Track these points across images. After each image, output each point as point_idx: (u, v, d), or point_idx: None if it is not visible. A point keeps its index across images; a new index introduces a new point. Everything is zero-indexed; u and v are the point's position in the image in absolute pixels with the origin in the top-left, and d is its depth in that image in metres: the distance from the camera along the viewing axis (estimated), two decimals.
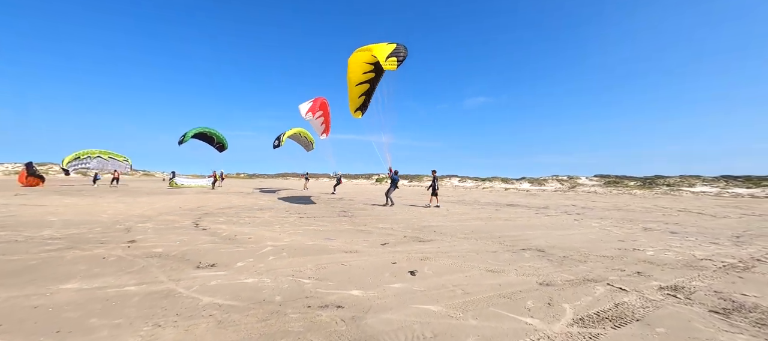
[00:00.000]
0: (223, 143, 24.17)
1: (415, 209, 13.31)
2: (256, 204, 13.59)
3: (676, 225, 9.90)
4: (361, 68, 12.26)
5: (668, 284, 3.97)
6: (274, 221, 8.70)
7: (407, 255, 5.06)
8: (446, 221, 9.43)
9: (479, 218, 10.43)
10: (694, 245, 6.59)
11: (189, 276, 3.76)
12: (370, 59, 11.81)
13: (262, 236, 6.43)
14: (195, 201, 14.28)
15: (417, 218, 10.18)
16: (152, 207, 11.40)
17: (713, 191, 41.62)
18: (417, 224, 8.79)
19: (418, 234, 7.08)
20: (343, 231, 7.23)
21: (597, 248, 6.02)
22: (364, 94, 13.03)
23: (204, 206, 12.12)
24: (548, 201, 21.04)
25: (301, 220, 9.00)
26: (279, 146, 22.30)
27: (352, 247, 5.57)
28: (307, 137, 26.01)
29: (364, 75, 12.48)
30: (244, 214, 10.10)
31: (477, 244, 6.14)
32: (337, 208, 13.07)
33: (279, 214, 10.32)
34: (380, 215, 10.83)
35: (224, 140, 24.07)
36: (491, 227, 8.56)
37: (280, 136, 22.68)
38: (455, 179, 66.25)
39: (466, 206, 15.76)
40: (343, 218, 9.58)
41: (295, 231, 7.07)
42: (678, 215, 13.12)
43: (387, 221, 9.10)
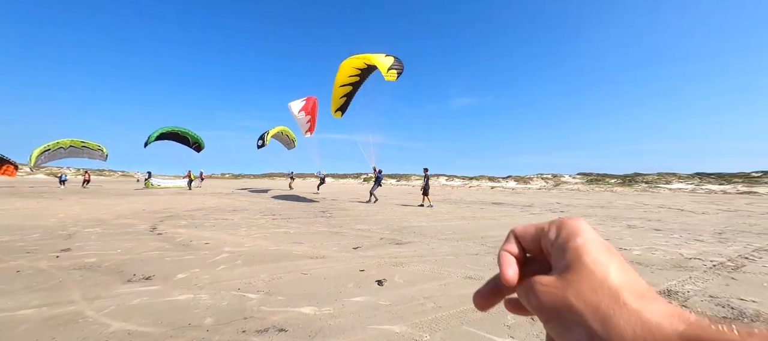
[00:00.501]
0: (200, 142, 23.14)
1: (400, 208, 12.85)
2: (230, 205, 12.83)
3: (659, 222, 9.79)
4: (348, 72, 12.80)
5: (661, 288, 3.62)
6: (243, 223, 8.05)
7: (379, 261, 4.56)
8: (428, 221, 8.99)
9: (463, 218, 10.06)
10: (679, 243, 6.37)
11: (111, 294, 3.14)
12: (360, 65, 12.41)
13: (222, 241, 5.81)
14: (165, 203, 13.38)
15: (399, 218, 9.71)
16: (113, 210, 10.51)
17: (688, 188, 43.08)
18: (397, 224, 8.31)
19: (396, 236, 6.59)
20: (315, 234, 6.67)
21: None
22: (346, 95, 13.62)
23: (172, 208, 11.29)
24: (533, 199, 21.01)
25: (273, 222, 8.38)
26: (263, 145, 21.50)
27: (320, 252, 5.03)
28: (289, 135, 25.26)
29: (349, 78, 13.02)
30: (214, 216, 9.39)
31: (457, 246, 5.70)
32: (316, 208, 12.47)
33: (251, 216, 9.64)
34: (361, 215, 10.31)
35: (200, 140, 23.05)
36: (474, 227, 8.18)
37: (263, 135, 21.88)
38: (443, 178, 66.39)
39: (451, 205, 15.42)
40: (320, 219, 9.01)
41: (262, 235, 6.46)
42: (659, 212, 13.15)
43: (366, 222, 8.59)
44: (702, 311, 3.01)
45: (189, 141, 22.85)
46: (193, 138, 22.70)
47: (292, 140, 25.84)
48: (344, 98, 13.80)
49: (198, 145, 23.27)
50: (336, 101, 13.91)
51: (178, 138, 22.50)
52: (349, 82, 13.21)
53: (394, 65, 11.18)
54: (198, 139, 22.88)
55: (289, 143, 26.51)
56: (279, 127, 24.12)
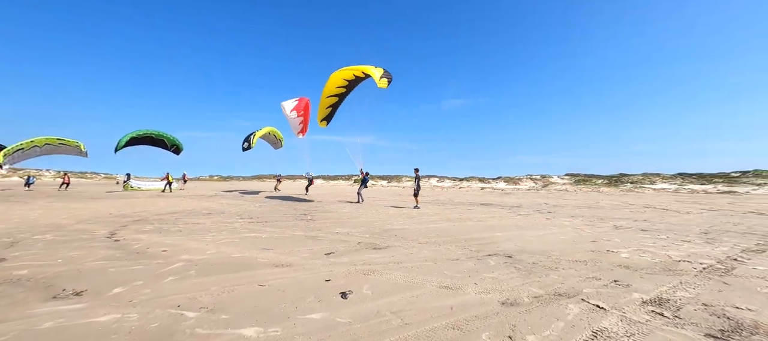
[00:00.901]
0: (178, 145, 22.25)
1: (386, 210, 12.47)
2: (207, 208, 12.23)
3: (645, 222, 9.67)
4: (336, 83, 13.42)
5: (651, 296, 3.34)
6: (214, 227, 7.54)
7: (350, 268, 4.17)
8: (412, 223, 8.64)
9: (449, 219, 9.74)
10: (667, 245, 6.17)
11: (23, 315, 2.67)
12: (349, 76, 13.08)
13: (183, 247, 5.32)
14: (139, 206, 12.68)
15: (382, 220, 9.33)
16: (76, 214, 9.82)
17: (672, 187, 44.04)
18: (380, 227, 7.93)
19: (375, 240, 6.21)
20: (288, 238, 6.23)
21: (569, 251, 5.42)
22: (331, 106, 14.33)
23: (144, 212, 10.65)
24: (521, 200, 20.93)
25: (247, 226, 7.89)
26: (249, 148, 20.80)
27: (288, 259, 4.61)
28: (277, 135, 24.66)
29: (336, 89, 13.65)
30: (185, 220, 8.83)
31: (438, 250, 5.36)
32: (299, 210, 11.99)
33: (226, 219, 9.12)
34: (343, 217, 9.89)
35: (178, 143, 22.17)
36: (459, 229, 7.86)
37: (249, 137, 21.14)
38: (434, 179, 66.38)
39: (439, 206, 15.13)
40: (299, 222, 8.56)
41: (230, 240, 5.99)
42: (644, 212, 13.13)
43: (347, 225, 8.18)
44: (697, 323, 2.72)
45: (166, 144, 21.90)
46: (170, 141, 21.74)
47: (280, 139, 25.20)
48: (330, 108, 14.51)
49: (176, 147, 22.34)
50: (322, 111, 14.62)
51: (152, 142, 21.51)
52: (336, 93, 13.82)
53: (384, 75, 12.15)
54: (175, 141, 21.96)
55: (276, 142, 25.86)
56: (266, 128, 23.47)
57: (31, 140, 22.19)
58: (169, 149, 22.32)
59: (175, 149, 22.49)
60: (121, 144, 19.74)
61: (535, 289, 3.48)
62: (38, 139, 22.47)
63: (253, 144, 19.42)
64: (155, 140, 21.39)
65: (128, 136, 19.95)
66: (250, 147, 19.30)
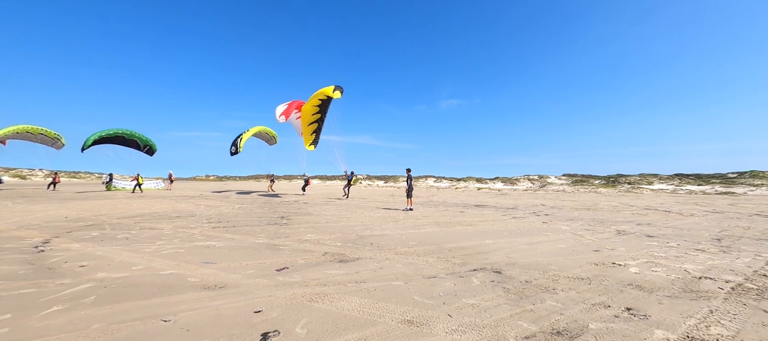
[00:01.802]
0: (151, 145, 21.49)
1: (373, 212, 11.64)
2: (180, 210, 11.34)
3: (649, 226, 8.92)
4: (310, 111, 16.48)
5: (679, 335, 2.54)
6: (168, 234, 6.68)
7: (297, 292, 3.34)
8: (396, 228, 7.82)
9: (437, 223, 8.93)
10: (680, 255, 5.40)
11: None
12: (316, 102, 16.27)
13: (109, 261, 4.46)
14: (107, 208, 11.77)
15: (364, 224, 8.50)
16: (26, 218, 8.91)
17: (669, 188, 43.60)
18: (358, 232, 7.11)
19: (346, 250, 5.38)
20: (244, 249, 5.38)
21: (569, 264, 4.62)
22: (314, 132, 17.34)
23: (105, 215, 9.75)
24: (518, 201, 20.18)
25: (208, 232, 7.03)
26: (237, 152, 19.90)
27: (226, 278, 3.77)
28: (269, 133, 23.93)
29: (312, 116, 16.69)
30: (143, 225, 7.96)
31: (415, 264, 4.54)
32: (279, 212, 11.14)
33: (190, 224, 8.25)
34: (322, 221, 9.04)
35: (151, 143, 21.43)
36: (446, 235, 7.05)
37: (237, 141, 20.30)
38: (431, 180, 65.61)
39: (431, 207, 14.32)
40: (270, 228, 7.71)
41: (175, 250, 5.14)
42: (646, 214, 12.40)
43: (321, 230, 7.35)
44: None
45: (138, 145, 21.06)
46: (143, 141, 20.91)
47: (273, 136, 24.42)
48: (314, 134, 17.34)
49: (149, 148, 21.51)
50: (307, 137, 17.39)
51: (124, 142, 20.63)
52: (313, 120, 16.81)
53: (336, 89, 15.74)
54: (148, 141, 21.18)
55: (270, 140, 25.02)
56: (256, 127, 22.63)
57: (13, 128, 21.15)
58: (141, 149, 21.50)
59: (148, 150, 21.69)
60: (87, 143, 18.74)
61: (527, 324, 2.67)
62: (19, 127, 21.45)
63: (240, 149, 18.53)
64: (127, 140, 20.53)
65: (96, 135, 19.03)
66: (237, 152, 18.41)
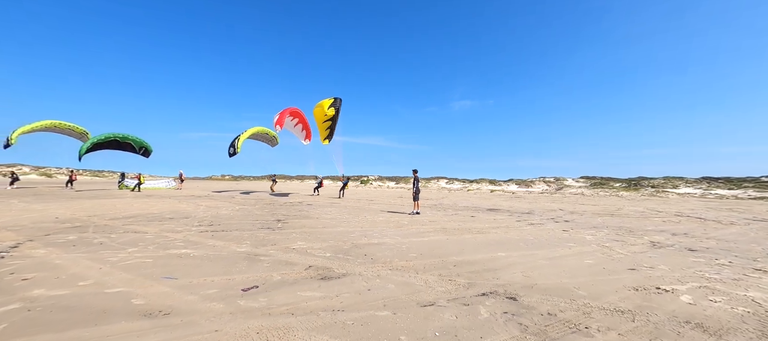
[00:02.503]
0: (146, 147, 21.89)
1: (376, 216, 10.93)
2: (176, 211, 10.95)
3: (687, 237, 7.83)
4: (323, 111, 18.52)
5: None
6: (146, 239, 6.16)
7: (253, 325, 2.65)
8: (397, 235, 7.07)
9: (444, 230, 8.12)
10: (737, 276, 4.43)
11: None
12: (330, 103, 18.60)
13: (59, 274, 3.91)
14: (104, 208, 11.52)
15: (362, 230, 7.79)
16: (19, 217, 8.64)
17: (697, 192, 40.96)
18: (353, 240, 6.40)
19: (334, 263, 4.68)
20: (219, 259, 4.76)
21: (602, 289, 3.76)
22: (329, 128, 19.21)
23: (96, 215, 9.42)
24: (533, 205, 19.02)
25: (195, 236, 6.49)
26: (235, 153, 19.87)
27: (178, 299, 3.13)
28: (268, 133, 23.59)
29: (325, 116, 18.59)
30: (128, 227, 7.51)
31: (412, 283, 3.79)
32: (277, 214, 10.58)
33: (177, 226, 7.75)
34: (319, 225, 8.39)
35: (147, 145, 21.84)
36: (453, 245, 6.25)
37: (234, 142, 20.28)
38: (442, 181, 64.35)
39: (439, 211, 13.48)
40: (260, 233, 7.11)
41: (141, 261, 4.56)
42: (679, 222, 11.18)
43: (314, 237, 6.68)
44: None
45: (134, 147, 21.59)
46: (138, 143, 21.41)
47: (272, 137, 24.18)
48: (328, 130, 19.24)
49: (145, 150, 21.97)
50: (323, 132, 19.56)
51: (118, 145, 21.16)
52: (328, 117, 18.64)
53: (332, 104, 18.35)
54: (143, 144, 21.62)
55: (270, 140, 24.75)
56: (254, 128, 22.38)
57: (41, 123, 21.73)
58: (137, 152, 21.97)
59: (144, 152, 22.11)
60: (83, 151, 19.28)
61: None
62: (48, 122, 22.01)
63: (238, 149, 18.44)
64: (121, 143, 21.02)
65: (91, 141, 19.55)
66: (235, 153, 18.32)
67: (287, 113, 19.17)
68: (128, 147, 21.46)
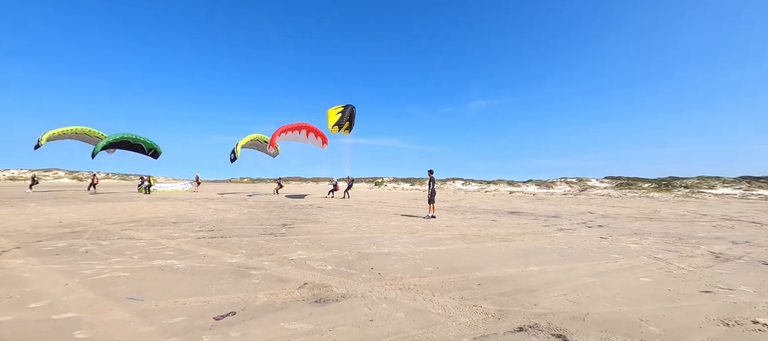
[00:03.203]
0: (156, 149, 22.43)
1: (388, 219, 10.19)
2: (180, 215, 10.61)
3: (752, 246, 6.62)
4: (337, 109, 18.83)
5: None
6: (139, 247, 5.68)
7: None
8: (410, 243, 6.29)
9: (464, 236, 7.27)
10: None
11: None
12: (340, 108, 18.92)
13: (16, 291, 3.40)
14: (110, 212, 11.37)
15: (371, 237, 7.07)
16: (27, 220, 8.47)
17: (737, 193, 37.76)
18: (360, 249, 5.68)
19: (333, 280, 3.97)
20: (204, 273, 4.15)
21: (678, 322, 2.86)
22: (339, 113, 18.70)
23: (98, 219, 9.16)
24: (558, 207, 17.71)
25: (188, 244, 5.96)
26: (235, 159, 20.75)
27: (133, 331, 2.50)
28: (264, 140, 23.68)
29: (336, 110, 18.89)
30: (124, 233, 7.11)
31: (427, 311, 3.02)
32: (284, 219, 10.04)
33: (176, 232, 7.29)
34: (325, 230, 7.74)
35: (156, 147, 22.37)
36: (474, 255, 5.41)
37: (234, 149, 20.95)
38: (459, 182, 62.81)
39: (457, 214, 12.57)
40: (261, 239, 6.52)
41: (118, 273, 4.02)
42: (732, 227, 9.79)
43: (317, 246, 6.01)
44: None
45: (143, 148, 22.13)
46: (148, 145, 21.93)
47: (265, 141, 24.30)
48: (338, 115, 18.66)
49: (154, 151, 22.49)
50: (332, 119, 18.72)
51: (129, 146, 21.74)
52: (339, 109, 18.82)
53: (337, 122, 18.15)
54: (153, 145, 22.13)
55: (264, 147, 24.70)
56: (251, 135, 22.34)
57: (72, 128, 22.38)
58: (146, 152, 22.44)
59: (153, 153, 22.60)
60: (97, 150, 19.84)
61: None
62: (78, 128, 22.66)
63: (237, 154, 19.19)
64: (132, 144, 21.48)
65: (104, 141, 20.06)
66: (235, 158, 19.18)
67: (279, 131, 19.01)
68: (139, 148, 21.97)
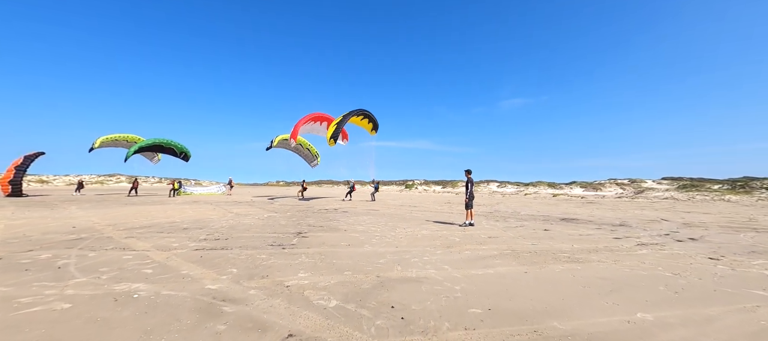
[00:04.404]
0: (186, 152, 23.39)
1: (419, 227, 8.77)
2: (196, 220, 10.01)
3: None
4: (334, 121, 17.97)
5: None
6: (123, 263, 4.82)
7: None
8: (446, 264, 4.84)
9: (514, 253, 5.66)
10: None
11: None
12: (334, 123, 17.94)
13: None
14: (124, 217, 11.13)
15: (397, 253, 5.70)
16: (38, 224, 8.22)
17: None
18: (380, 271, 4.36)
19: (329, 333, 2.67)
20: (157, 308, 3.05)
21: None
22: (332, 134, 17.62)
23: (115, 225, 8.74)
24: (619, 213, 15.07)
25: (183, 257, 5.03)
26: (270, 147, 20.89)
27: None
28: (309, 147, 23.52)
29: (334, 125, 17.85)
30: (123, 241, 6.40)
31: None
32: (302, 225, 9.02)
33: (175, 242, 6.46)
34: (342, 242, 6.51)
35: (186, 150, 23.36)
36: (538, 287, 3.84)
37: (272, 140, 21.07)
38: (493, 185, 59.28)
39: (498, 221, 10.80)
40: (262, 253, 5.44)
41: (52, 305, 3.04)
42: None
43: (326, 265, 4.77)
44: None
45: (175, 152, 23.10)
46: (179, 148, 22.89)
47: (315, 155, 24.24)
48: (334, 127, 18.07)
49: (185, 155, 23.39)
50: (331, 130, 18.13)
51: (161, 150, 22.84)
52: (337, 121, 18.04)
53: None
54: (183, 149, 23.08)
55: (310, 158, 24.46)
56: (299, 138, 22.07)
57: (124, 135, 23.87)
58: (178, 156, 23.40)
59: (184, 156, 23.51)
60: (130, 153, 20.89)
61: None
62: (131, 136, 24.17)
63: (273, 144, 19.04)
64: (165, 148, 22.49)
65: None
66: (271, 147, 19.14)
67: (301, 123, 18.33)
68: (170, 151, 22.89)
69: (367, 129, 20.20)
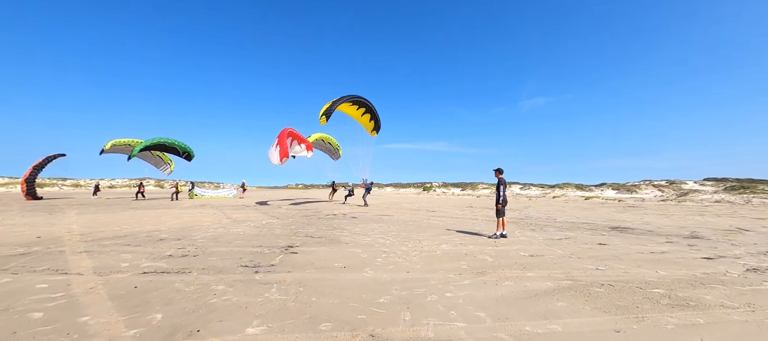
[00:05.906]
0: (189, 152, 22.89)
1: (436, 240, 7.12)
2: (185, 227, 8.83)
3: None
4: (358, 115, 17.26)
5: None
6: (37, 290, 3.51)
7: None
8: (478, 309, 3.21)
9: (579, 287, 3.92)
10: None
11: None
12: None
13: None
14: (119, 222, 10.14)
15: (405, 282, 4.10)
16: (37, 229, 7.26)
17: None
18: (378, 323, 2.80)
19: None
20: None
21: None
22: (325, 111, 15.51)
23: (91, 232, 7.66)
24: (676, 219, 12.70)
25: (128, 279, 3.68)
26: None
27: None
28: (332, 144, 22.25)
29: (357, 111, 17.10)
30: (74, 254, 5.17)
31: None
32: (301, 234, 7.60)
33: (136, 257, 5.15)
34: (332, 264, 4.98)
35: (189, 150, 22.86)
36: None
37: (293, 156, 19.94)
38: (516, 187, 56.13)
39: (534, 231, 8.93)
40: (233, 277, 4.00)
41: None
42: None
43: (294, 311, 3.26)
44: None
45: (178, 151, 22.62)
46: (182, 148, 22.44)
47: (336, 148, 22.81)
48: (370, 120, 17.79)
49: (188, 154, 22.97)
50: (368, 125, 17.91)
51: (165, 149, 22.45)
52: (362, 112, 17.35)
53: (324, 112, 15.29)
54: (186, 148, 22.65)
55: (332, 152, 23.14)
56: (317, 134, 20.78)
57: (136, 141, 23.78)
58: (180, 155, 22.91)
59: (187, 156, 23.08)
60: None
61: None
62: (165, 140, 24.00)
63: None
64: (168, 147, 22.05)
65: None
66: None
67: (280, 140, 15.33)
68: (173, 151, 22.62)
69: (368, 129, 18.14)
